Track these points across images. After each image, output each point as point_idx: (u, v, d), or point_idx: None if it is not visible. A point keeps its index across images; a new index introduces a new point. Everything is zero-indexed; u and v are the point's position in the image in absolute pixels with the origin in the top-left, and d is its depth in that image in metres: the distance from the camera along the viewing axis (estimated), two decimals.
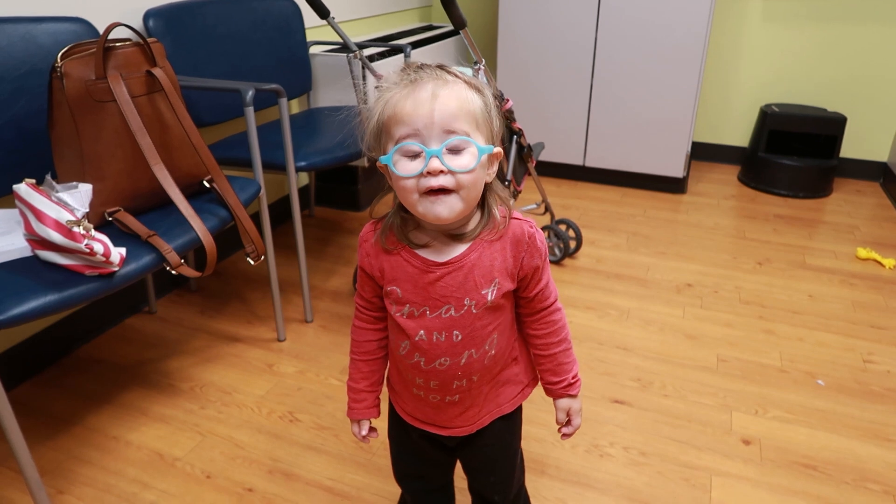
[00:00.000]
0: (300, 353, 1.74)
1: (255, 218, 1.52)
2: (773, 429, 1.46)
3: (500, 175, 1.87)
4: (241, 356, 1.73)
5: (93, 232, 1.06)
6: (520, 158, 1.95)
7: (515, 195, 1.94)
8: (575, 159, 2.95)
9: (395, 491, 1.23)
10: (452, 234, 0.80)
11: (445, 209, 0.74)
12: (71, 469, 1.35)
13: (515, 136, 1.85)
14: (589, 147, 2.90)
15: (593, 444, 1.41)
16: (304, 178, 2.62)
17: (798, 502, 1.26)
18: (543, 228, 2.25)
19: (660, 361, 1.70)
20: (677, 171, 2.80)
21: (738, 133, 3.20)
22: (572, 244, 2.25)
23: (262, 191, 1.58)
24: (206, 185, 1.42)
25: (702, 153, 3.31)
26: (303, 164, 1.72)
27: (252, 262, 1.46)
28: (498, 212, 0.81)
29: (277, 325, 1.79)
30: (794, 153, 2.89)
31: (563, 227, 2.23)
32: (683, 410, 1.52)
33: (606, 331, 1.84)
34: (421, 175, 0.72)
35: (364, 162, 2.52)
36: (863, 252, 2.26)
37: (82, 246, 1.03)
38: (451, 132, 0.72)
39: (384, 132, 0.75)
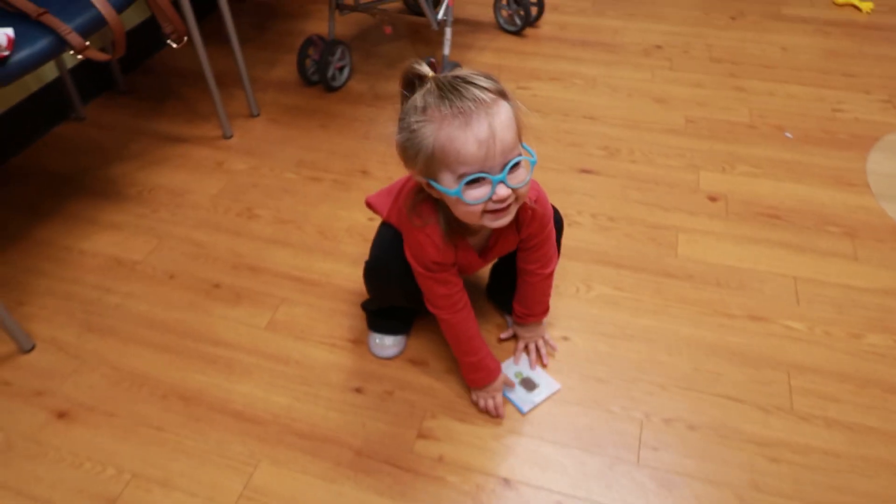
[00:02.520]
0: (250, 148, 1.63)
1: (176, 5, 1.32)
2: (740, 184, 1.45)
3: None
4: (188, 156, 1.62)
5: None
6: None
7: None
8: None
9: None
10: None
11: (507, 220, 0.83)
12: (26, 282, 1.30)
13: None
14: None
15: (562, 214, 1.39)
16: None
17: (761, 249, 1.29)
18: None
19: (627, 128, 1.64)
20: None
21: None
22: (534, 11, 2.05)
23: None
24: None
25: None
26: None
27: (174, 45, 1.29)
28: None
29: (221, 121, 1.65)
30: None
31: None
32: (650, 174, 1.49)
33: (572, 101, 1.75)
34: (489, 199, 0.79)
35: None
36: None
37: None
38: (510, 159, 0.78)
39: (439, 162, 0.78)
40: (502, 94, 0.79)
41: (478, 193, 0.79)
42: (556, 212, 1.05)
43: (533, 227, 0.96)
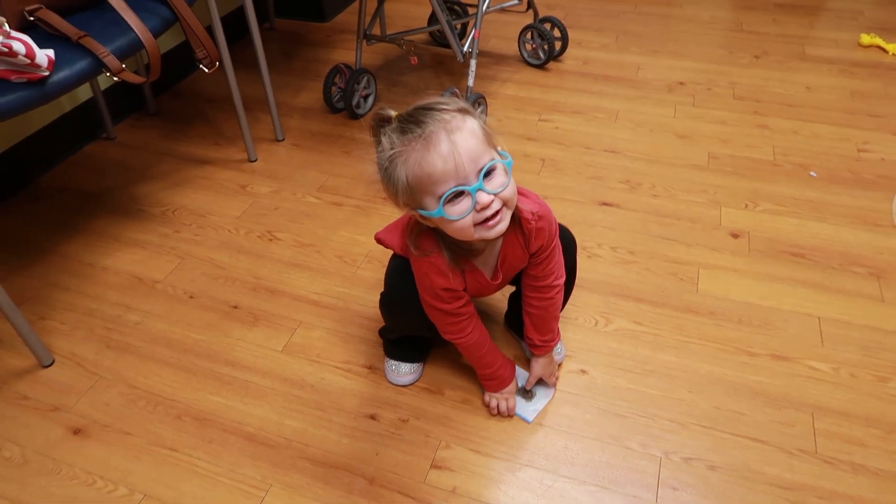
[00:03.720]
0: (274, 172, 1.65)
1: (209, 31, 1.35)
2: (763, 221, 1.44)
3: None
4: (212, 178, 1.64)
5: (8, 28, 0.91)
6: None
7: None
8: None
9: None
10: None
11: (501, 226, 0.83)
12: (49, 296, 1.32)
13: None
14: None
15: (581, 247, 1.37)
16: None
17: (784, 287, 1.27)
18: (526, 28, 2.06)
19: (649, 162, 1.64)
20: None
21: None
22: (557, 45, 2.08)
23: None
24: None
25: None
26: None
27: (206, 70, 1.32)
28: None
29: (246, 144, 1.68)
30: None
31: (547, 27, 2.05)
32: (672, 209, 1.48)
33: (594, 134, 1.75)
34: (473, 211, 0.79)
35: None
36: (866, 38, 2.12)
37: None
38: (481, 166, 0.78)
39: (418, 191, 0.80)
40: (463, 111, 0.80)
41: (460, 208, 0.79)
42: (567, 231, 1.05)
43: (541, 238, 0.95)
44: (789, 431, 1.02)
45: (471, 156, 0.78)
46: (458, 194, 0.79)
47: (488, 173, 0.79)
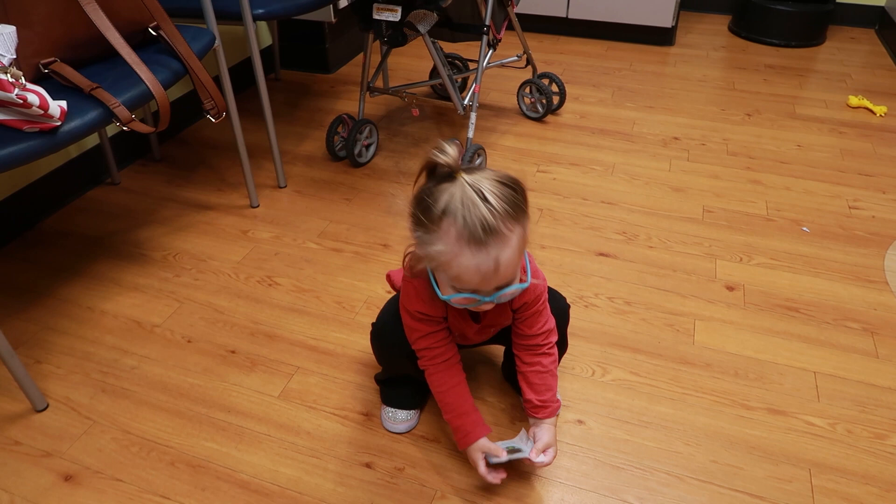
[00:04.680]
0: (275, 218, 1.68)
1: (217, 81, 1.39)
2: (757, 275, 1.46)
3: (479, 20, 1.73)
4: (214, 224, 1.66)
5: (23, 81, 0.94)
6: (499, 3, 1.79)
7: (495, 44, 1.80)
8: (558, 10, 2.76)
9: None
10: None
11: (486, 307, 0.87)
12: (46, 339, 1.32)
13: None
14: None
15: (578, 296, 1.40)
16: (267, 38, 2.43)
17: (780, 341, 1.28)
18: (525, 83, 2.13)
19: (645, 214, 1.67)
20: (665, 20, 2.64)
21: None
22: (555, 100, 2.14)
23: (218, 41, 1.44)
24: (153, 33, 1.28)
25: (692, 2, 3.12)
26: (260, 11, 1.56)
27: (213, 120, 1.35)
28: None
29: (249, 191, 1.71)
30: None
31: (545, 82, 2.11)
32: (668, 260, 1.50)
33: (591, 186, 1.79)
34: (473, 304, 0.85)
35: (332, 17, 2.33)
36: (854, 100, 2.18)
37: (13, 96, 0.92)
38: (502, 283, 0.82)
39: (441, 267, 0.81)
40: (519, 215, 0.80)
41: (463, 300, 0.84)
42: (562, 299, 1.06)
43: (525, 295, 0.95)
44: (787, 487, 1.01)
45: (503, 281, 0.82)
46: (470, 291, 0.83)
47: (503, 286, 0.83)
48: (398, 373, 1.10)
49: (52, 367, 1.25)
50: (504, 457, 0.96)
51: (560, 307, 1.05)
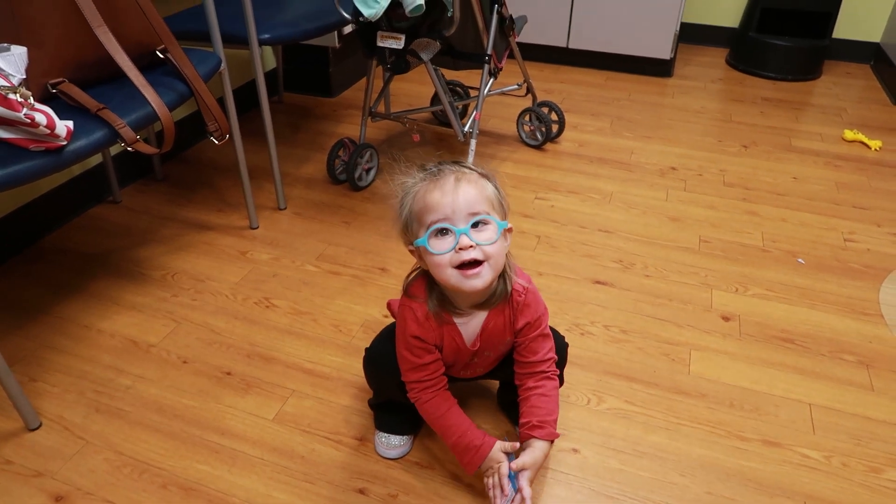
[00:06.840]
0: (274, 240, 1.69)
1: (221, 103, 1.41)
2: (753, 305, 1.46)
3: (481, 49, 1.76)
4: (213, 244, 1.67)
5: (32, 101, 0.96)
6: (501, 32, 1.83)
7: (496, 72, 1.83)
8: (558, 40, 2.81)
9: None
10: (477, 303, 0.95)
11: (479, 280, 0.86)
12: (42, 357, 1.31)
13: (497, 6, 1.72)
14: (573, 27, 2.75)
15: (574, 324, 1.40)
16: (271, 61, 2.46)
17: (775, 373, 1.28)
18: (524, 111, 2.16)
19: (642, 243, 1.68)
20: (664, 52, 2.68)
21: (729, 13, 3.06)
22: (554, 128, 2.16)
23: (224, 65, 1.46)
24: (160, 55, 1.30)
25: (690, 35, 3.17)
26: (266, 36, 1.59)
27: (216, 142, 1.37)
28: (511, 283, 0.94)
29: (249, 212, 1.72)
30: (785, 34, 2.77)
31: (545, 110, 2.14)
32: (664, 290, 1.51)
33: (589, 214, 1.80)
34: (453, 251, 0.84)
35: (336, 42, 2.36)
36: (849, 134, 2.21)
37: (21, 115, 0.94)
38: (474, 213, 0.85)
39: (415, 220, 0.88)
40: (484, 175, 0.89)
41: (443, 244, 0.85)
42: (561, 338, 1.07)
43: (527, 315, 0.96)
44: None
45: (468, 201, 0.85)
46: (445, 231, 0.85)
47: (479, 224, 0.86)
48: (389, 399, 1.10)
49: (46, 386, 1.25)
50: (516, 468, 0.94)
51: (558, 345, 1.04)
